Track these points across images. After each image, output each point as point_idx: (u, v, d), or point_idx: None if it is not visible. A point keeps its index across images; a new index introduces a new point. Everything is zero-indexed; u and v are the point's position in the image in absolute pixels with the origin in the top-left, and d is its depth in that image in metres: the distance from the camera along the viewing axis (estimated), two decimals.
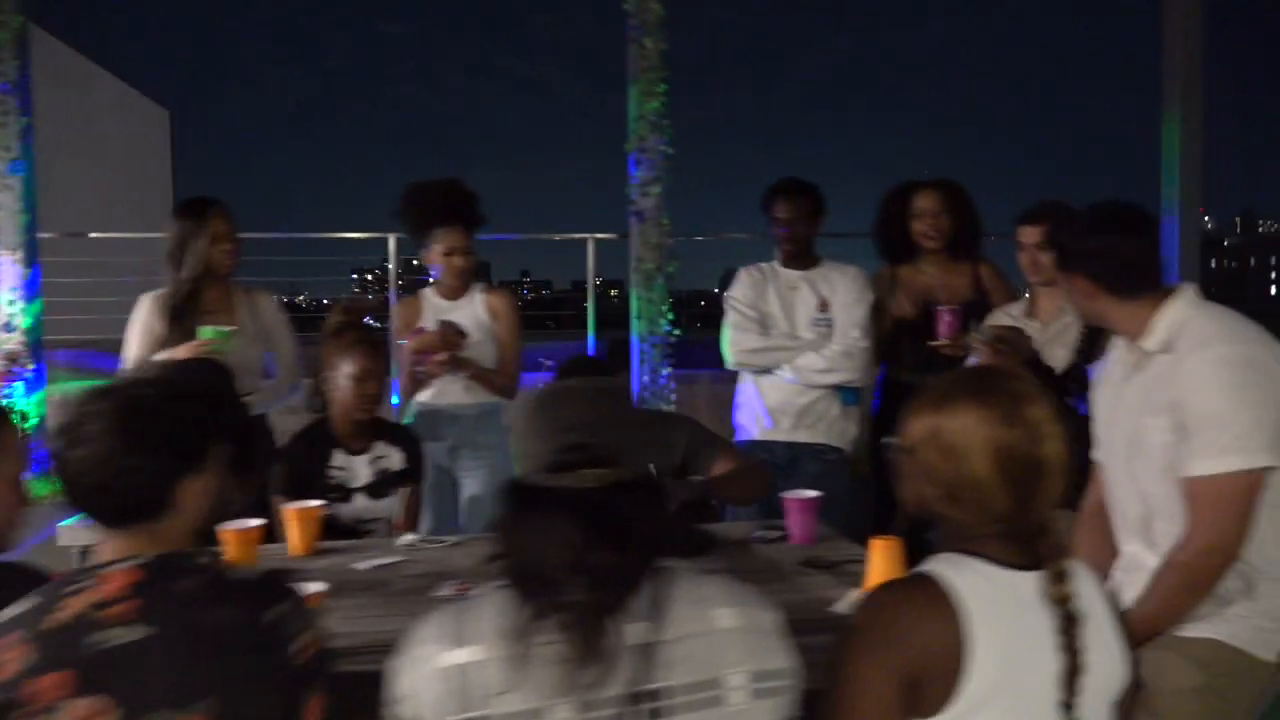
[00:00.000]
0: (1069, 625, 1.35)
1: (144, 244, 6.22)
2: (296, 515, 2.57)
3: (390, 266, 5.90)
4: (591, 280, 5.91)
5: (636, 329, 5.14)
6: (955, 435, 1.41)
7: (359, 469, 2.89)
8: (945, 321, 3.19)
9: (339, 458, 2.87)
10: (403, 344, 3.31)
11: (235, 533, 2.40)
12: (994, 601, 1.35)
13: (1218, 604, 1.92)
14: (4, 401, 4.51)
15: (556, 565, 1.21)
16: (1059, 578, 1.37)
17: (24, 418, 4.62)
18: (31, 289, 4.79)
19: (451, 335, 3.27)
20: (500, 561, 1.28)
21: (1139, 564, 2.07)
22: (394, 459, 2.94)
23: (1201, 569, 1.88)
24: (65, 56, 21.83)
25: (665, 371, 5.14)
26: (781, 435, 3.41)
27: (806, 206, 3.40)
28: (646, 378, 5.10)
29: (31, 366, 4.76)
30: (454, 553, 2.62)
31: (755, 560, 2.50)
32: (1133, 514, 2.09)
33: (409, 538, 2.70)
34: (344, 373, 2.83)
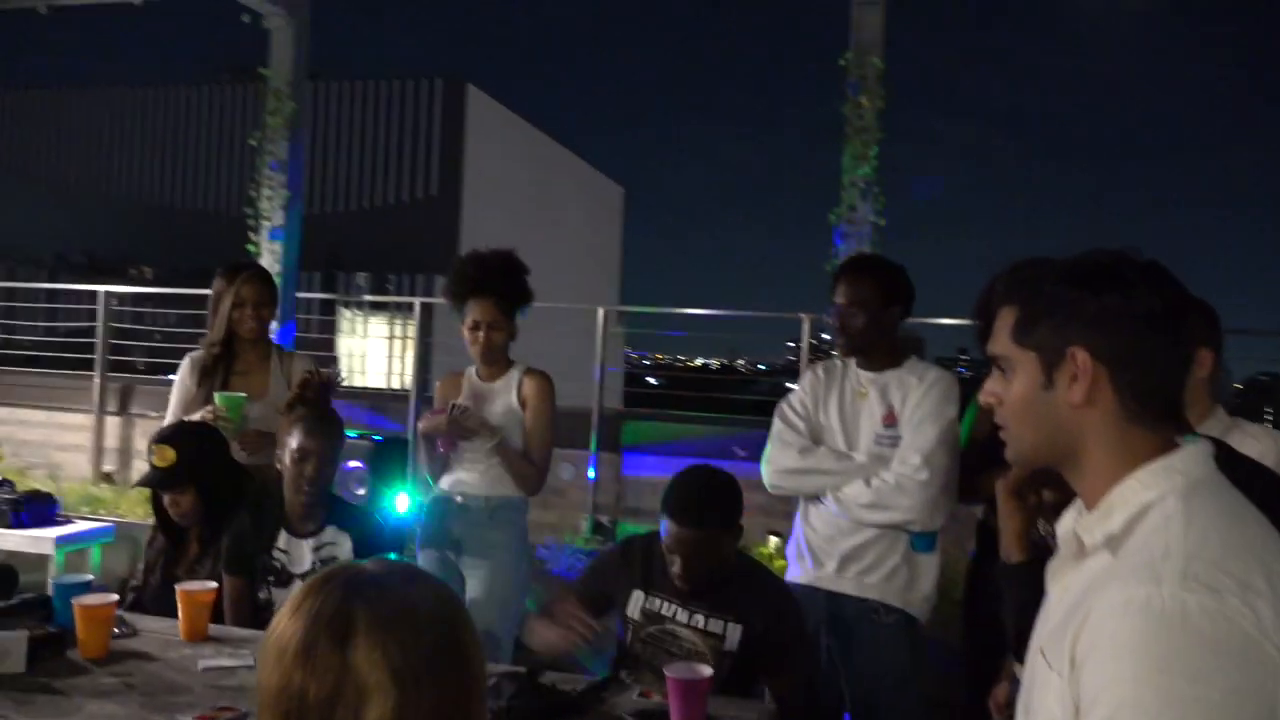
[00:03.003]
0: None
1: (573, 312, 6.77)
2: (182, 597, 2.46)
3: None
4: (805, 361, 5.26)
5: None
6: (258, 668, 0.97)
7: (303, 554, 2.72)
8: None
9: (284, 539, 2.73)
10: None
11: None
12: None
13: None
14: None
15: None
16: None
17: None
18: (284, 342, 5.34)
19: (459, 420, 3.02)
20: None
21: None
22: (343, 547, 2.73)
23: None
24: (536, 139, 25.00)
25: None
26: (825, 582, 2.66)
27: (868, 293, 2.64)
28: None
29: None
30: None
31: None
32: None
33: None
34: (287, 450, 2.70)
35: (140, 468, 6.41)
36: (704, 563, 2.29)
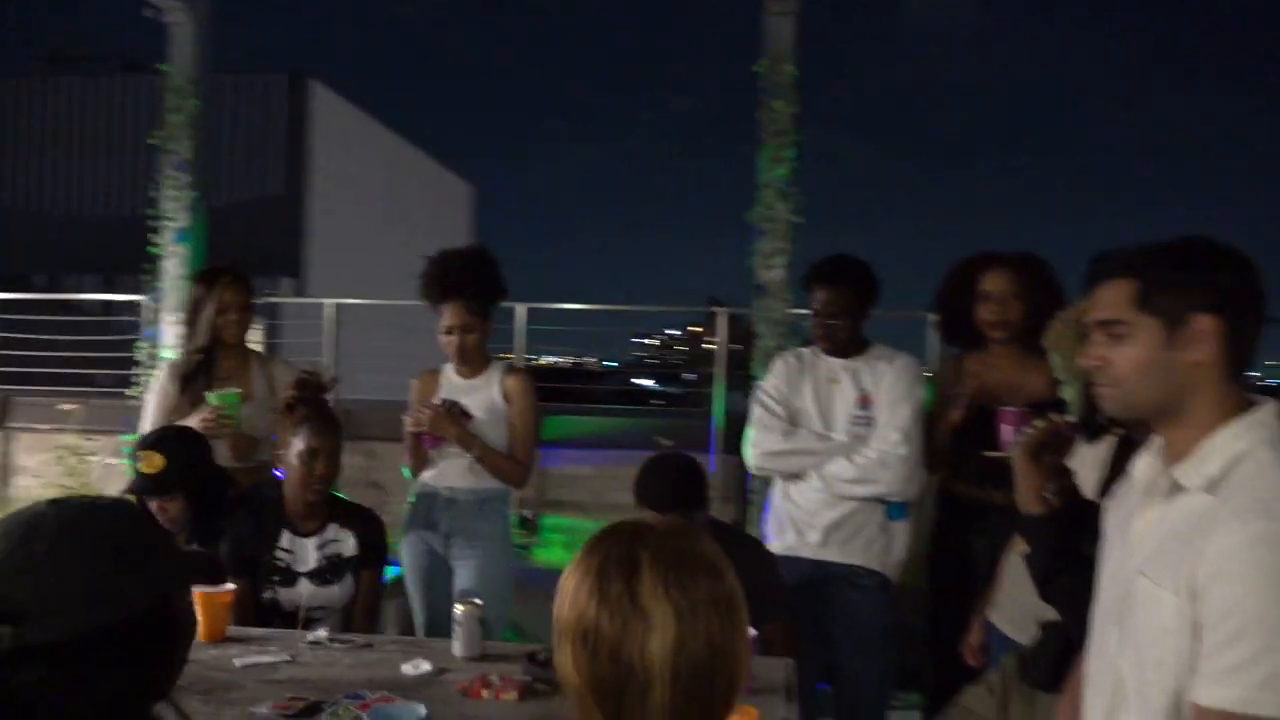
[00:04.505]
0: None
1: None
2: (200, 599, 2.45)
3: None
4: (723, 356, 5.53)
5: None
6: (557, 604, 1.10)
7: (307, 552, 2.75)
8: (1005, 427, 2.59)
9: (287, 539, 2.74)
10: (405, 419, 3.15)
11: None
12: None
13: None
14: None
15: None
16: None
17: None
18: None
19: (446, 416, 3.08)
20: None
21: None
22: (346, 544, 2.77)
23: None
24: (384, 137, 24.49)
25: None
26: (808, 551, 2.90)
27: (849, 297, 2.89)
28: None
29: None
30: (350, 657, 2.40)
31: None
32: (1100, 699, 1.47)
33: (319, 634, 2.50)
34: (294, 450, 2.72)
35: (21, 484, 6.05)
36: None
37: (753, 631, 2.20)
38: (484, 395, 3.16)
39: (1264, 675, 1.17)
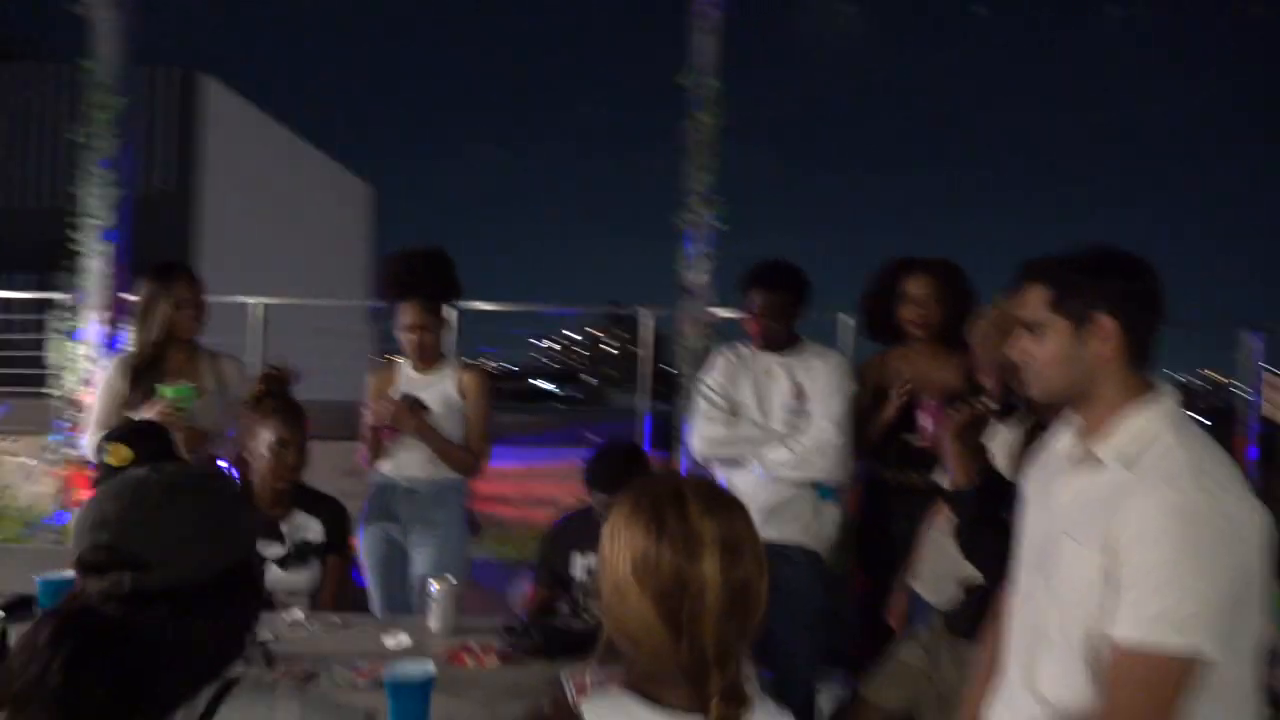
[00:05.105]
0: None
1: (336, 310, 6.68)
2: None
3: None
4: (650, 355, 5.76)
5: (681, 409, 4.97)
6: (604, 546, 1.26)
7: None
8: (924, 416, 2.88)
9: None
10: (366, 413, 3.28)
11: None
12: None
13: None
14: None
15: (20, 685, 1.09)
16: None
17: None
18: (114, 347, 5.13)
19: (406, 410, 3.22)
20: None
21: (1016, 702, 1.71)
22: (312, 530, 2.90)
23: None
24: (280, 135, 23.94)
25: None
26: None
27: (783, 299, 3.14)
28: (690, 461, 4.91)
29: None
30: (331, 635, 2.53)
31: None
32: (1023, 637, 1.72)
33: (296, 614, 2.63)
34: (263, 440, 2.83)
35: None
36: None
37: None
38: (440, 390, 3.31)
39: (1171, 620, 1.42)
